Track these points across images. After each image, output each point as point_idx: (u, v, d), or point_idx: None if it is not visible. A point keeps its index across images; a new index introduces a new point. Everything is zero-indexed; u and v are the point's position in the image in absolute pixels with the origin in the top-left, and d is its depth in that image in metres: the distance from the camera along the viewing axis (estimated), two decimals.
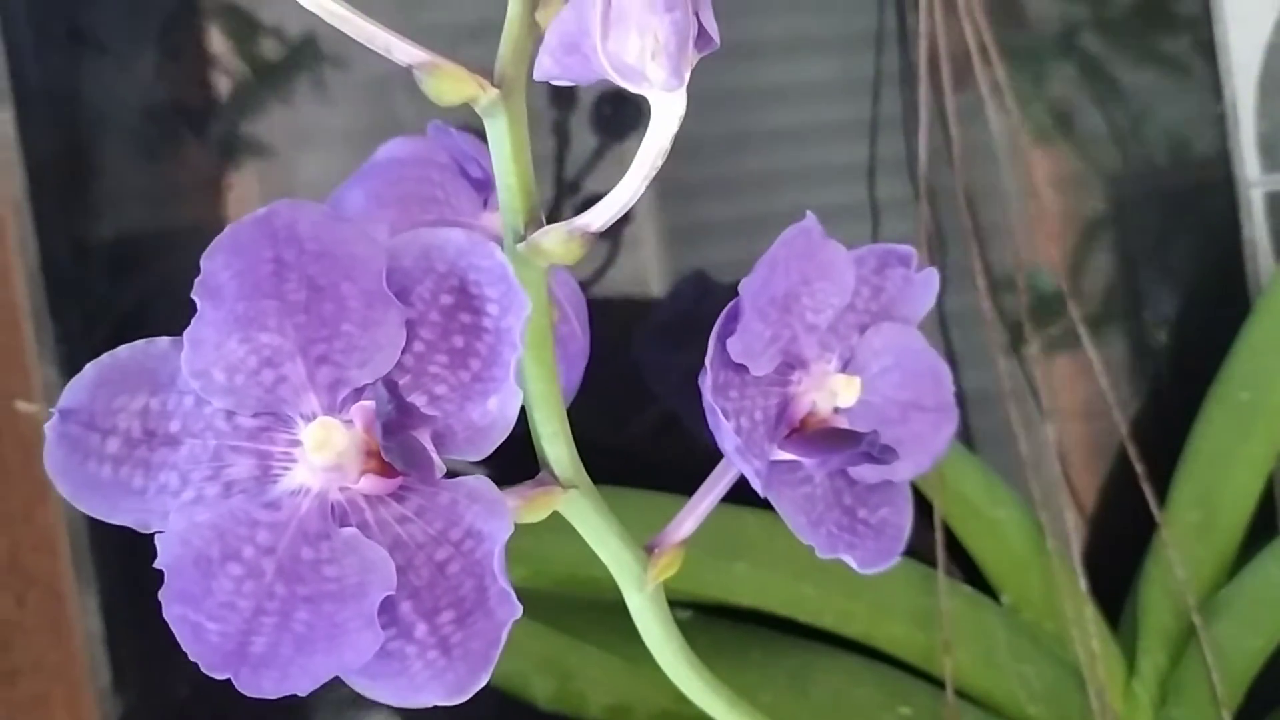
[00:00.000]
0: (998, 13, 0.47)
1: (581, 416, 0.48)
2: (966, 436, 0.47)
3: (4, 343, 0.45)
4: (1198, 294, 0.49)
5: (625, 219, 0.48)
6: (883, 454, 0.29)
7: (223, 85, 0.46)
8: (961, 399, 0.44)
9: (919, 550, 0.44)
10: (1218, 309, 0.48)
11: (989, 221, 0.47)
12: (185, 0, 0.46)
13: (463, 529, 0.24)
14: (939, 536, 0.43)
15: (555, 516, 0.28)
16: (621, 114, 0.47)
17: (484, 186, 0.33)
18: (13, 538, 0.46)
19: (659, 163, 0.24)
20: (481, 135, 0.28)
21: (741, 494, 0.30)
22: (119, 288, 0.46)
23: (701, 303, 0.52)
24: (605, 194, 0.25)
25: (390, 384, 0.22)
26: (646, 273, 0.48)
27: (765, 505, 0.30)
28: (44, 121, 0.45)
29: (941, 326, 0.47)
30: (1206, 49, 0.48)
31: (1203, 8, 0.48)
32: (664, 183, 0.46)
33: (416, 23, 0.46)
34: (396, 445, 0.22)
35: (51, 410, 0.23)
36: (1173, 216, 0.49)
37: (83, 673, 0.46)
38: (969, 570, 0.45)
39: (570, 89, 0.46)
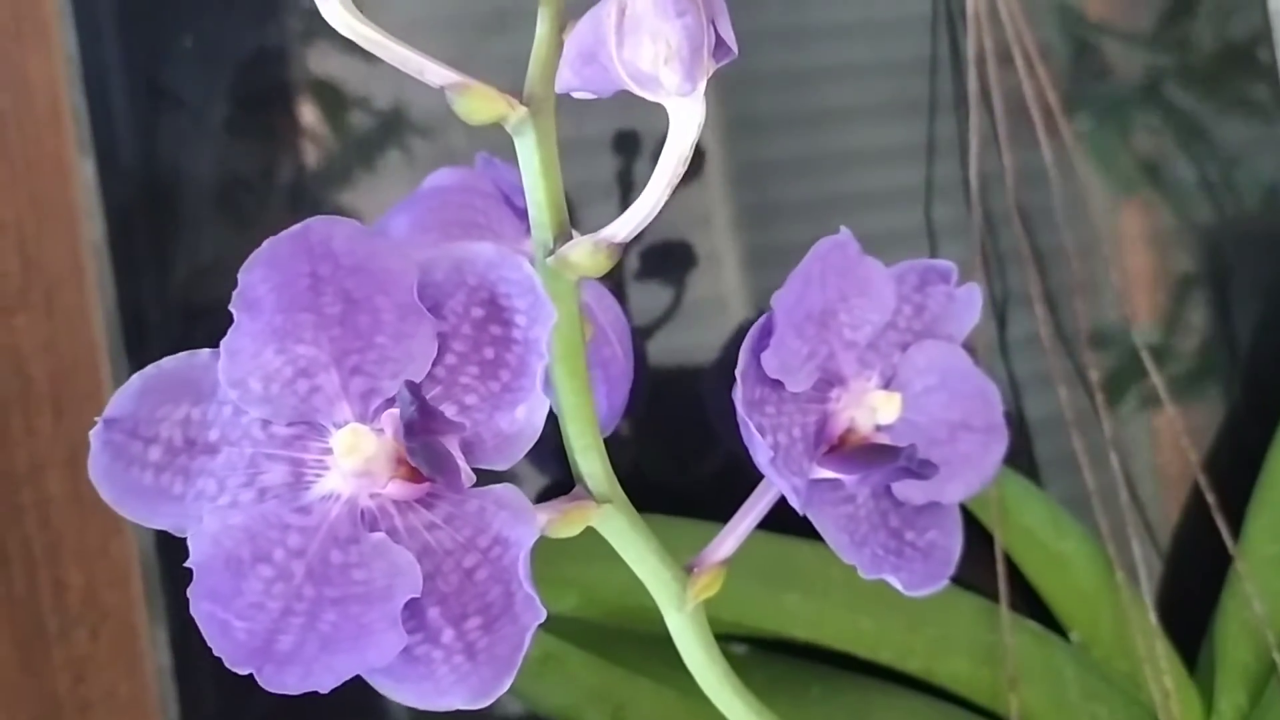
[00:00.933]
0: (1078, 65, 0.47)
1: (649, 453, 0.49)
2: (1030, 467, 0.46)
3: (84, 382, 0.47)
4: (1270, 322, 0.47)
5: (697, 252, 0.49)
6: (922, 468, 0.28)
7: (297, 143, 0.48)
8: (1025, 427, 0.43)
9: (982, 585, 0.43)
10: None
11: (1048, 244, 0.46)
12: (260, 57, 0.48)
13: (490, 536, 0.24)
14: (1000, 569, 0.42)
15: (604, 544, 0.28)
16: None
17: (527, 215, 0.34)
18: (89, 572, 0.47)
19: (680, 170, 0.24)
20: None
21: (792, 524, 0.30)
22: (192, 329, 0.47)
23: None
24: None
25: (412, 386, 0.23)
26: (719, 304, 0.48)
27: (818, 535, 0.30)
28: (124, 171, 0.47)
29: (1003, 352, 0.47)
30: None
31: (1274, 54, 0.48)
32: (743, 208, 0.47)
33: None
34: (420, 447, 0.22)
35: (96, 419, 0.24)
36: (1263, 265, 0.48)
37: (153, 706, 0.47)
38: (1035, 606, 0.44)
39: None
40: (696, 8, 0.22)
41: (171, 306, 0.48)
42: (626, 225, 0.25)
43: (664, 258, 0.48)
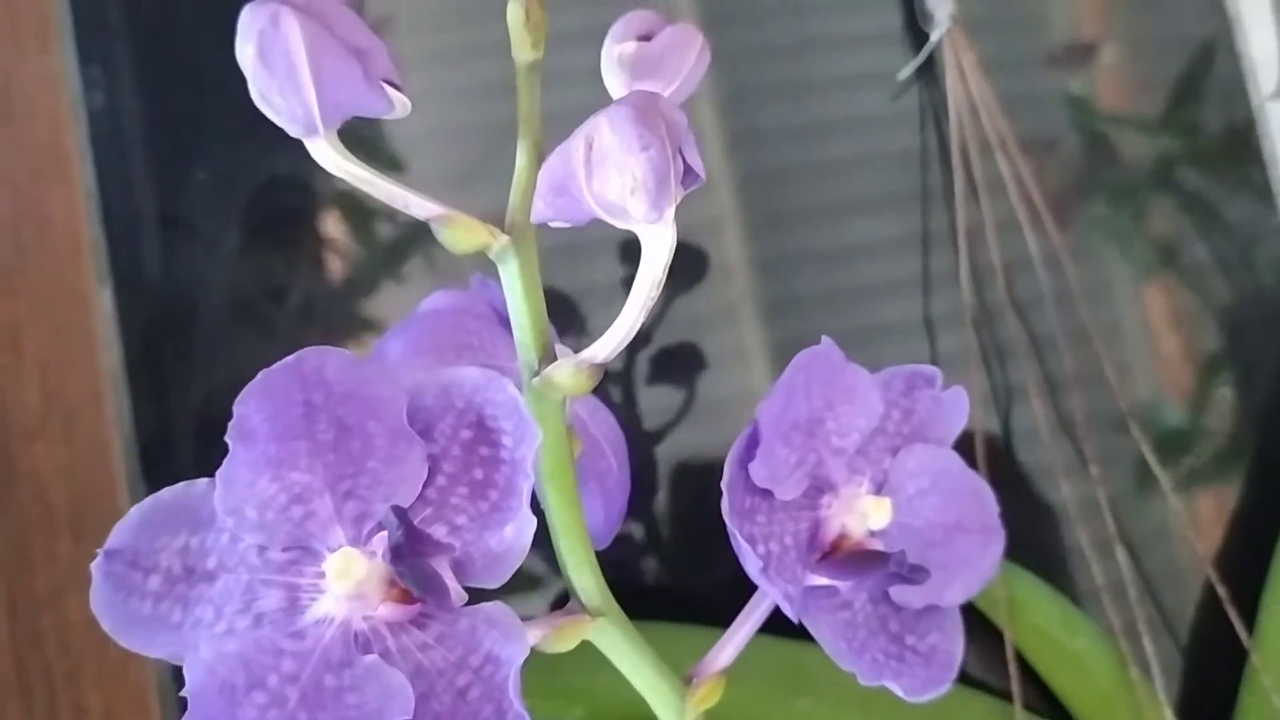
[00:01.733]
0: (1092, 154, 0.48)
1: (667, 562, 0.49)
2: (1039, 563, 0.46)
3: (103, 508, 0.48)
4: (1275, 411, 0.47)
5: (705, 353, 0.49)
6: (913, 573, 0.29)
7: (312, 264, 0.49)
8: (1032, 523, 0.43)
9: (996, 684, 0.43)
10: None
11: (1042, 333, 0.47)
12: (267, 185, 0.50)
13: (482, 655, 0.24)
14: (1013, 668, 0.42)
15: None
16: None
17: None
18: (109, 694, 0.47)
19: (654, 294, 0.25)
20: None
21: (802, 628, 0.30)
22: (208, 451, 0.48)
23: None
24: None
25: (399, 510, 0.23)
26: (728, 405, 0.49)
27: None
28: (141, 300, 0.49)
29: (1008, 447, 0.47)
30: None
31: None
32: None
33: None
34: (409, 569, 0.23)
35: (98, 550, 0.25)
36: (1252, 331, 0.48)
37: None
38: (1052, 705, 0.43)
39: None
40: (661, 141, 0.23)
41: (188, 429, 0.49)
42: (606, 347, 0.26)
43: (672, 359, 0.49)
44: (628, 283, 0.25)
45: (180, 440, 0.49)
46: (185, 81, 0.50)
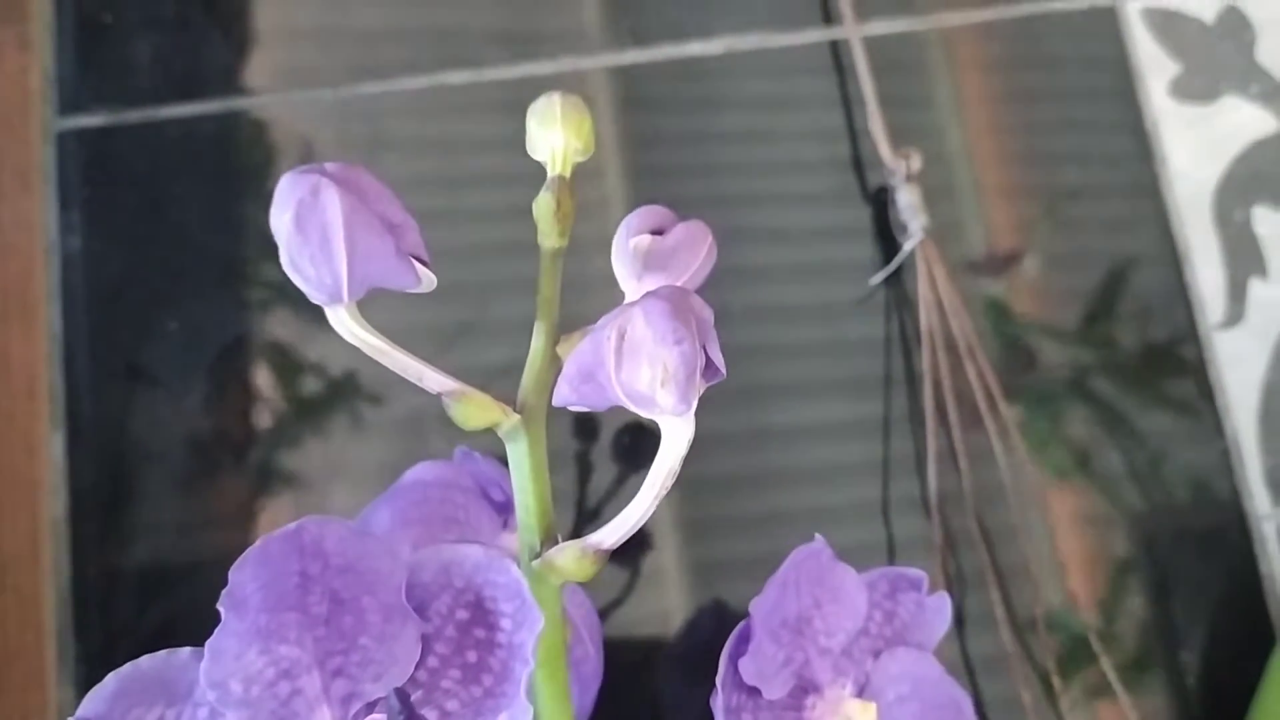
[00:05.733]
0: (1009, 358, 0.50)
1: None
2: None
3: (27, 665, 0.46)
4: (1222, 630, 0.48)
5: (646, 551, 0.49)
6: None
7: (264, 419, 0.49)
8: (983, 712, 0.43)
9: None
10: (1243, 645, 0.48)
11: (1009, 563, 0.47)
12: (237, 340, 0.49)
13: None
14: None
15: None
16: (640, 446, 0.49)
17: (504, 509, 0.35)
18: None
19: (669, 483, 0.25)
20: (503, 460, 0.30)
21: None
22: (144, 612, 0.46)
23: (720, 634, 0.51)
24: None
25: (402, 694, 0.22)
26: (666, 607, 0.49)
27: None
28: (94, 449, 0.47)
29: (969, 671, 0.47)
30: (1206, 391, 0.50)
31: (1198, 352, 0.51)
32: (684, 520, 0.48)
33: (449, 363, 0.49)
34: None
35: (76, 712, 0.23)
36: (1193, 554, 0.49)
37: None
38: None
39: (593, 424, 0.49)
40: (691, 335, 0.23)
41: (127, 588, 0.47)
42: (615, 533, 0.26)
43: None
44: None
45: (117, 599, 0.47)
46: (165, 233, 0.50)
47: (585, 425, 0.49)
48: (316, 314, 0.26)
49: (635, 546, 0.49)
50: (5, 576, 0.46)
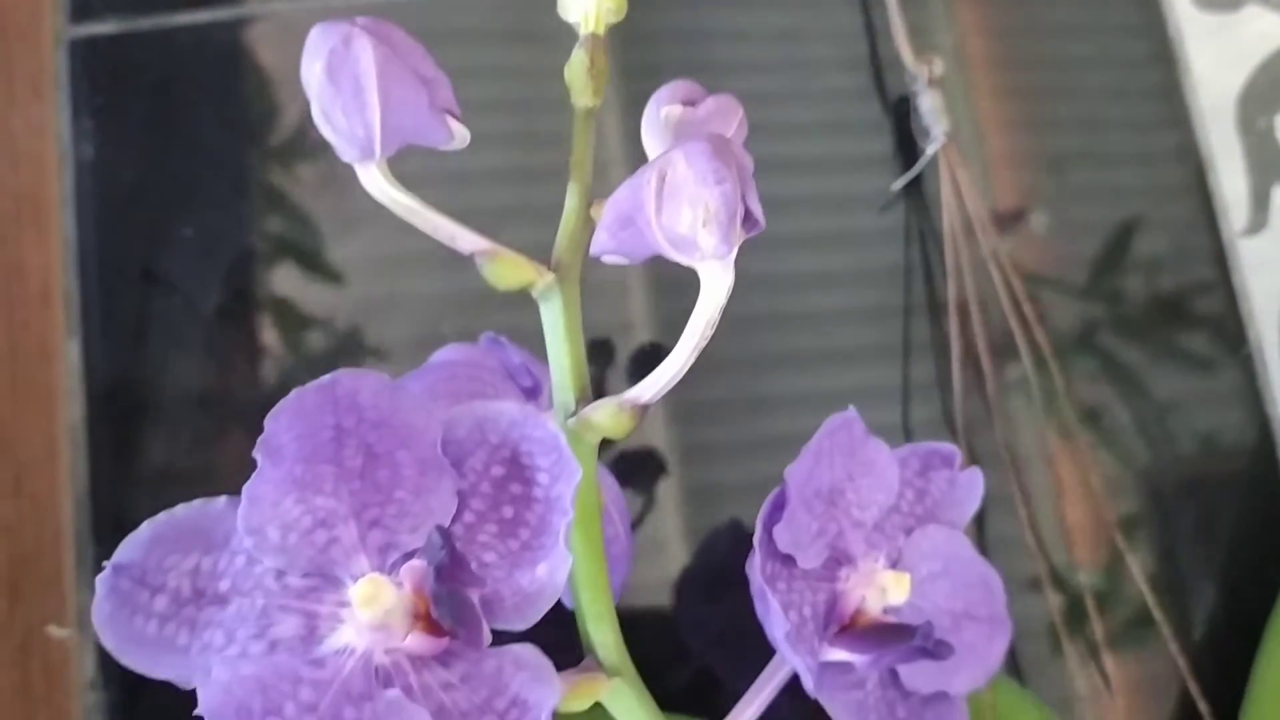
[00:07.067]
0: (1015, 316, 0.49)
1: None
2: (1017, 672, 0.45)
3: (45, 569, 0.45)
4: (1238, 582, 0.48)
5: (653, 473, 0.49)
6: (938, 648, 0.28)
7: (280, 325, 0.48)
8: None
9: None
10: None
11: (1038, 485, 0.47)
12: (252, 249, 0.49)
13: (508, 698, 0.23)
14: None
15: None
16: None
17: (532, 394, 0.34)
18: None
19: (708, 334, 0.25)
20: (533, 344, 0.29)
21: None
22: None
23: (735, 555, 0.51)
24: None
25: (443, 531, 0.22)
26: (671, 531, 0.48)
27: None
28: (110, 355, 0.47)
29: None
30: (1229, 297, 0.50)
31: (1223, 298, 0.50)
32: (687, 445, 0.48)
33: None
34: (447, 595, 0.22)
35: (105, 565, 0.23)
36: (1219, 463, 0.49)
37: None
38: None
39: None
40: (733, 177, 0.23)
41: (145, 494, 0.46)
42: (652, 388, 0.26)
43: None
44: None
45: (135, 505, 0.46)
46: (178, 141, 0.50)
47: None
48: (334, 224, 0.26)
49: (641, 471, 0.49)
50: (22, 482, 0.46)
